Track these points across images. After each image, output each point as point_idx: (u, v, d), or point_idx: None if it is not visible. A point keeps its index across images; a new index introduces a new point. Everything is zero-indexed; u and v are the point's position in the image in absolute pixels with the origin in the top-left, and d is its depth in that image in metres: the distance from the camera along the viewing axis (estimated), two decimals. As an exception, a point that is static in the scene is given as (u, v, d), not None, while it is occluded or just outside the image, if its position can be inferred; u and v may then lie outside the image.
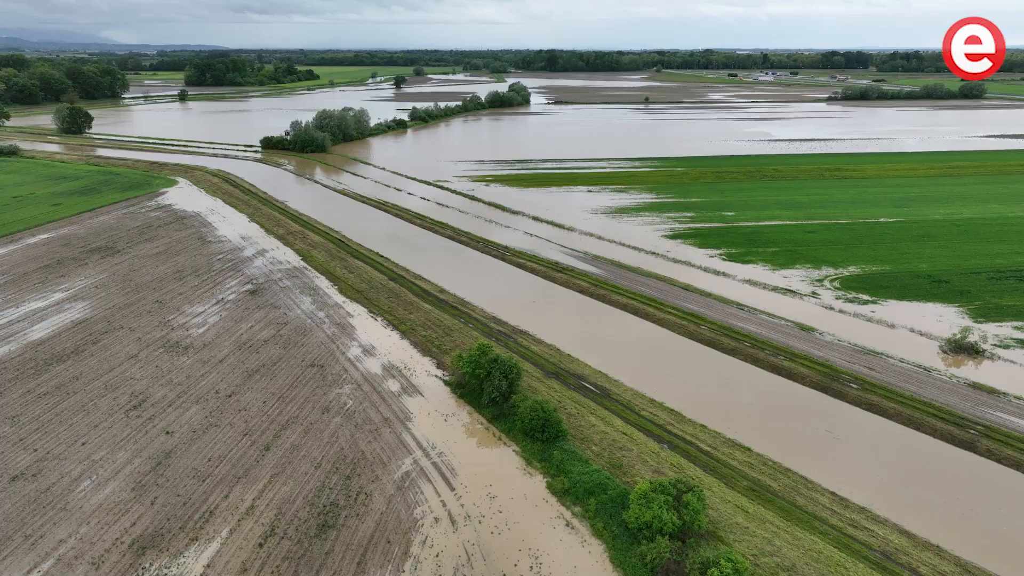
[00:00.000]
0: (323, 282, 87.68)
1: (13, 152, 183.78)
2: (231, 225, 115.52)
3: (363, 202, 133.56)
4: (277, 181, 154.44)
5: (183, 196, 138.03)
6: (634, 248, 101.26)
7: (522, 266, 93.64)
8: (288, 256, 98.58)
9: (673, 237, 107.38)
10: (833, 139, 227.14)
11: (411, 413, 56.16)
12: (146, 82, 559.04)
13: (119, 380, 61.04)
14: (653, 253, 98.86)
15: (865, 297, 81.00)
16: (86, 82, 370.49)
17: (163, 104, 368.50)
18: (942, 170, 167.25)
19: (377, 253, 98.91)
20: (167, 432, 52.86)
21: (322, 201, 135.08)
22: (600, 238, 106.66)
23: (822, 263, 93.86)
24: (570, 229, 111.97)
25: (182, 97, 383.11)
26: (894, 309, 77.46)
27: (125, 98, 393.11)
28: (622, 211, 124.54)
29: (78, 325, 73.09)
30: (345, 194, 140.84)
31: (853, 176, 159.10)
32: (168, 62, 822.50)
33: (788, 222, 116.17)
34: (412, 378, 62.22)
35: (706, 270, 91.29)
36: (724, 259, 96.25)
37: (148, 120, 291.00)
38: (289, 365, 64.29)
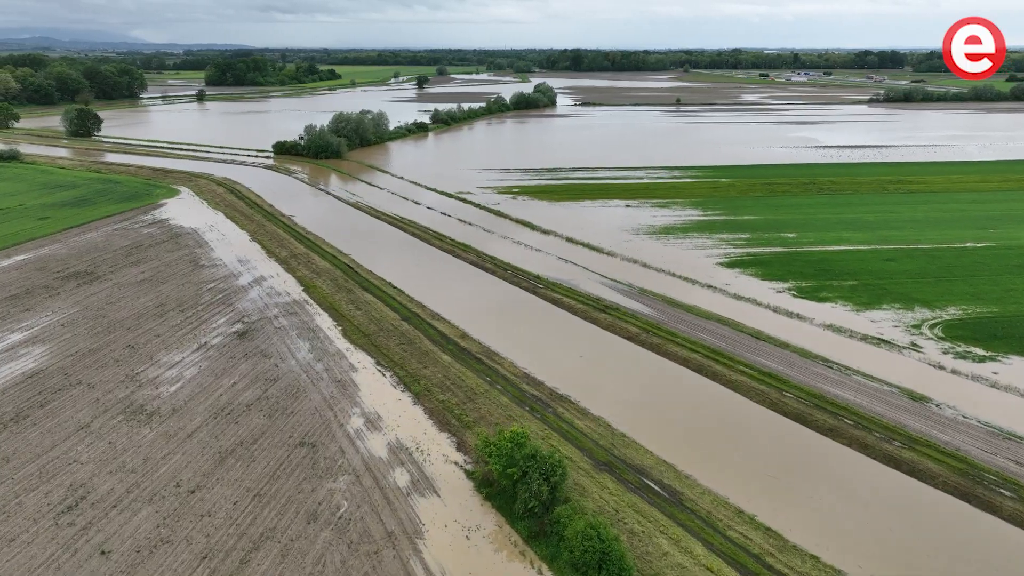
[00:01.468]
0: (325, 321, 74.91)
1: (13, 157, 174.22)
2: (229, 245, 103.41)
3: (378, 218, 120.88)
4: (286, 191, 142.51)
5: (183, 209, 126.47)
6: (686, 280, 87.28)
7: (557, 302, 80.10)
8: (288, 286, 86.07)
9: (730, 265, 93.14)
10: (886, 146, 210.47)
11: (423, 524, 42.94)
12: (169, 81, 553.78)
13: (59, 464, 48.61)
14: (709, 286, 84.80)
15: (979, 352, 66.27)
16: (104, 82, 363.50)
17: (180, 104, 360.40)
18: (1019, 183, 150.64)
19: (390, 284, 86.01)
20: (102, 552, 40.18)
21: (333, 216, 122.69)
22: (646, 266, 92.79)
23: (913, 302, 79.15)
24: (610, 254, 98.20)
25: (200, 97, 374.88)
26: (1021, 370, 62.71)
27: (143, 98, 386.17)
28: (667, 231, 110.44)
29: (29, 379, 61.00)
30: (358, 208, 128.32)
31: (919, 190, 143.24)
32: (191, 61, 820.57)
33: (860, 247, 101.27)
34: (425, 466, 49.02)
35: (776, 310, 77.05)
36: (795, 295, 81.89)
37: (161, 122, 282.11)
38: (273, 443, 51.45)
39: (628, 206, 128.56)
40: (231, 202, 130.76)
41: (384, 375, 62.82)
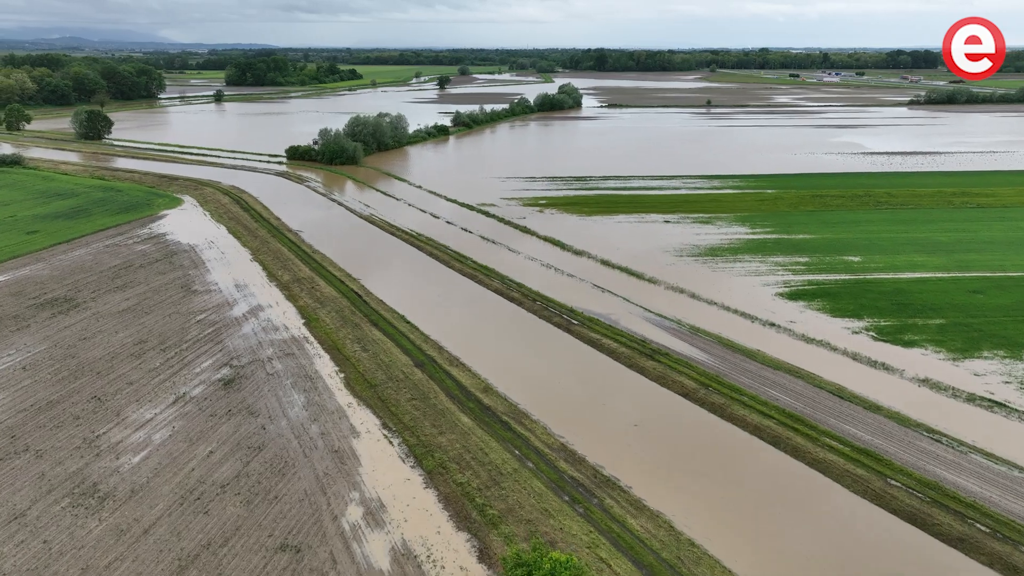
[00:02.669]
0: (326, 365, 64.38)
1: (16, 162, 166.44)
2: (228, 266, 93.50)
3: (392, 233, 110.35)
4: (296, 202, 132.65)
5: (183, 222, 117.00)
6: (743, 315, 75.51)
7: (596, 344, 68.79)
8: (288, 318, 75.72)
9: (791, 296, 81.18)
10: (939, 152, 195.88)
11: None
12: (192, 82, 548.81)
13: (-24, 575, 38.47)
14: (771, 324, 72.97)
15: (1121, 421, 53.89)
16: (122, 82, 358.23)
17: (198, 105, 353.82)
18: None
19: (402, 317, 75.26)
20: None
21: (344, 232, 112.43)
22: (694, 296, 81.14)
23: (1020, 348, 66.70)
24: (652, 281, 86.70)
25: (218, 98, 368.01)
26: None
27: (161, 98, 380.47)
28: (714, 253, 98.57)
29: (-31, 443, 51.13)
30: (372, 222, 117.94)
31: (990, 204, 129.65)
32: (214, 61, 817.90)
33: (937, 274, 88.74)
34: (438, 586, 38.11)
35: (856, 358, 65.04)
36: (874, 337, 69.77)
37: (175, 123, 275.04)
38: (248, 546, 40.84)
39: (667, 221, 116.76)
40: (235, 214, 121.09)
41: (391, 443, 52.01)
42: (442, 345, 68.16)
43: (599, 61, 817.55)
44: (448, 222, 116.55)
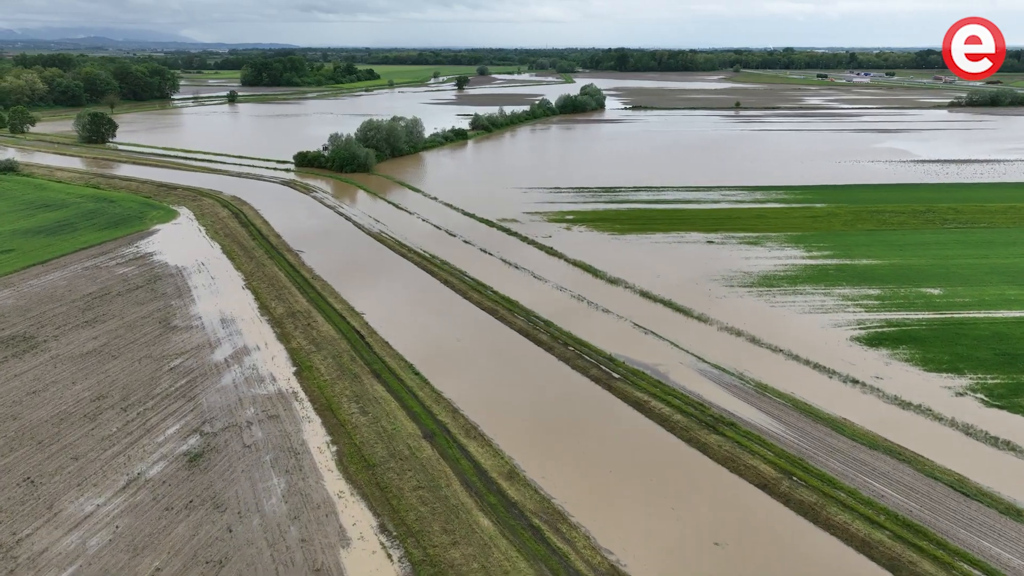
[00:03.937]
0: (316, 434, 52.92)
1: (10, 168, 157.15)
2: (216, 295, 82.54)
3: (403, 255, 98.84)
4: (299, 216, 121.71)
5: (175, 239, 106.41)
6: (816, 367, 63.06)
7: (643, 407, 56.67)
8: (277, 365, 64.40)
9: (870, 342, 68.45)
10: (997, 160, 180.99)
11: None
12: (209, 82, 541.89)
13: None
14: (853, 381, 60.43)
15: None
16: (134, 83, 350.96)
17: (210, 107, 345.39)
18: None
19: (410, 366, 63.60)
20: None
21: (350, 252, 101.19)
22: (754, 341, 68.71)
23: None
24: (702, 319, 74.39)
25: (231, 99, 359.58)
26: None
27: (175, 99, 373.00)
28: (769, 282, 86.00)
29: None
30: (381, 240, 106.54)
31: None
32: (232, 60, 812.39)
33: (1038, 313, 75.57)
34: None
35: (969, 433, 52.41)
36: (986, 403, 57.01)
37: (185, 126, 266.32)
38: None
39: (710, 242, 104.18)
40: (233, 230, 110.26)
41: (390, 556, 40.34)
42: (456, 407, 56.44)
43: (620, 61, 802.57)
44: (465, 241, 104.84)
